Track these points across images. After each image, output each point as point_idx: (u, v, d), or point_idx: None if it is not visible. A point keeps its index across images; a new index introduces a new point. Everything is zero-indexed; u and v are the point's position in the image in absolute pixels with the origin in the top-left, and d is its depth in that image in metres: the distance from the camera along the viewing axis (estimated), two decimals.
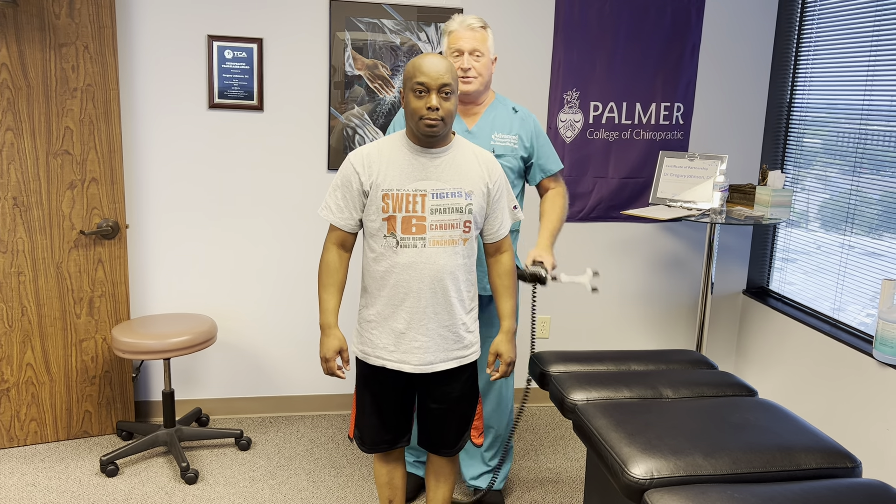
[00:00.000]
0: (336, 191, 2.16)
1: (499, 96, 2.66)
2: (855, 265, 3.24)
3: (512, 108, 2.64)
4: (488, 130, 2.58)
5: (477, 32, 2.50)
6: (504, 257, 2.27)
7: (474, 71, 2.50)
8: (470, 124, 2.59)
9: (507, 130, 2.59)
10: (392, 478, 2.40)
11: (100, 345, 3.28)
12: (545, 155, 2.67)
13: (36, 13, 2.96)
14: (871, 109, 3.14)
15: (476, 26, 2.50)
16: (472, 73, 2.50)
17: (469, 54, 2.49)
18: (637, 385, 2.36)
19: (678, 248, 3.88)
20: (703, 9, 3.65)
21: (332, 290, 2.20)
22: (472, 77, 2.50)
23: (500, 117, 2.60)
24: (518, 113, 2.63)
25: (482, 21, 2.53)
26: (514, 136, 2.59)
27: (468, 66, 2.48)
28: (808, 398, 3.40)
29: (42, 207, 3.09)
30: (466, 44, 2.49)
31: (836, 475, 1.90)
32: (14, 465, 3.10)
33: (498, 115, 2.60)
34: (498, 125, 2.59)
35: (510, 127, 2.60)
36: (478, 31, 2.50)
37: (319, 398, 3.70)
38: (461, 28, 2.50)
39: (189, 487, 2.97)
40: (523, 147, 2.60)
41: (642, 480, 1.81)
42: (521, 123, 2.61)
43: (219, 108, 3.33)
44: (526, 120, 2.63)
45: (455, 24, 2.53)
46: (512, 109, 2.63)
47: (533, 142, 2.63)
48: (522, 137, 2.61)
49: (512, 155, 2.58)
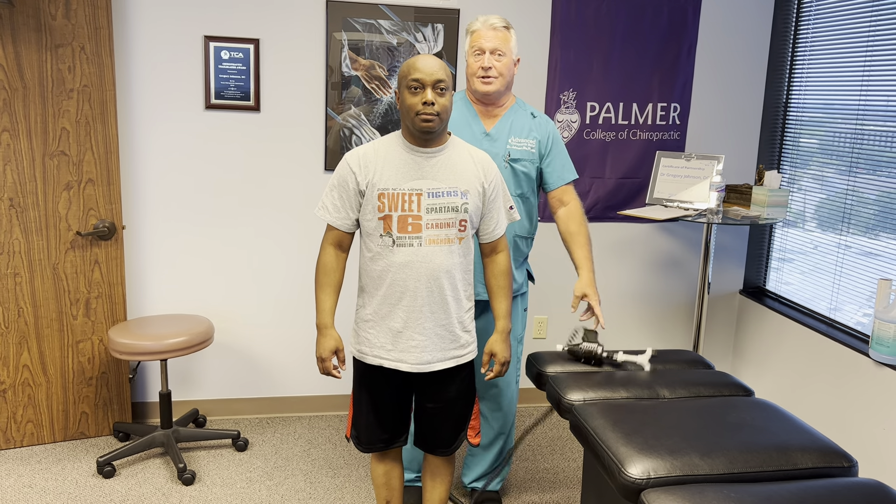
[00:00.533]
0: (333, 191, 2.17)
1: (519, 101, 2.64)
2: (851, 265, 3.25)
3: (531, 114, 2.61)
4: (506, 134, 2.55)
5: (500, 32, 2.47)
6: (500, 257, 2.27)
7: (495, 70, 2.46)
8: (488, 126, 2.56)
9: (524, 135, 2.57)
10: (389, 478, 2.40)
11: (96, 346, 3.28)
12: (561, 162, 2.63)
13: (32, 14, 2.95)
14: (868, 109, 3.15)
15: (499, 26, 2.47)
16: (492, 72, 2.46)
17: (490, 53, 2.45)
18: (634, 385, 2.36)
19: (675, 249, 3.88)
20: (700, 9, 3.65)
21: (329, 290, 2.21)
22: (493, 77, 2.46)
23: (519, 122, 2.58)
24: (536, 119, 2.60)
25: (505, 21, 2.50)
26: (531, 140, 2.56)
27: (489, 64, 2.44)
28: (804, 398, 3.41)
29: (38, 208, 3.09)
30: (488, 43, 2.45)
31: (833, 475, 1.91)
32: (10, 466, 3.09)
33: (516, 119, 2.58)
34: (516, 129, 2.57)
35: (528, 132, 2.57)
36: (500, 30, 2.47)
37: (316, 399, 3.70)
38: (484, 27, 2.47)
39: (186, 488, 2.96)
40: (539, 152, 2.59)
41: (639, 480, 1.81)
42: (538, 129, 2.59)
43: (215, 108, 3.33)
44: (544, 126, 2.61)
45: (478, 24, 2.50)
46: (531, 115, 2.61)
47: (550, 147, 2.60)
48: (540, 142, 2.58)
49: (529, 160, 2.56)
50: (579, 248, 2.55)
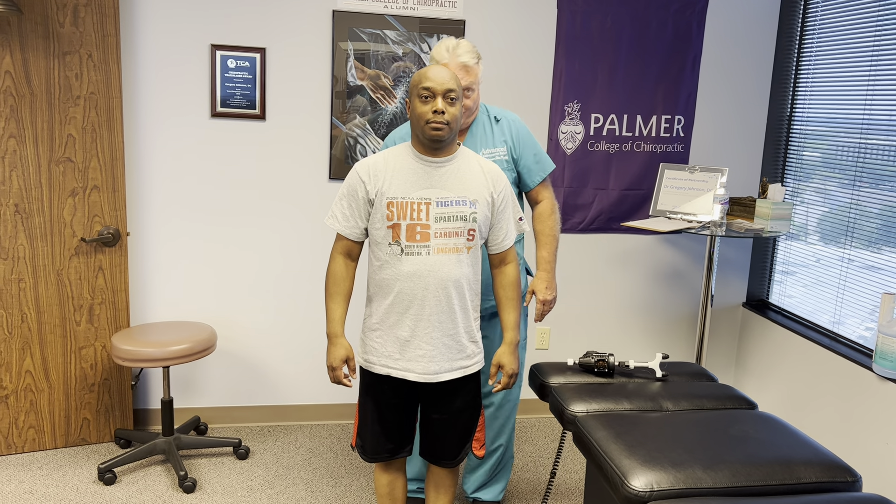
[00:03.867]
0: (342, 200, 2.18)
1: (481, 106, 2.59)
2: (854, 279, 3.25)
3: (494, 118, 2.57)
4: (475, 148, 2.53)
5: (470, 71, 2.39)
6: (509, 268, 2.27)
7: (464, 108, 2.39)
8: None
9: (493, 144, 2.54)
10: (393, 489, 2.40)
11: (99, 352, 3.28)
12: (534, 158, 2.58)
13: (40, 21, 2.97)
14: (871, 123, 3.16)
15: (471, 64, 2.38)
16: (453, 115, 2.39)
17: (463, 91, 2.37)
18: (637, 397, 2.36)
19: (678, 261, 3.88)
20: (705, 22, 3.67)
21: (339, 299, 2.22)
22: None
23: (485, 131, 2.55)
24: (500, 122, 2.57)
25: (476, 55, 2.40)
26: (501, 147, 2.54)
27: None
28: (807, 411, 3.40)
29: (43, 214, 3.10)
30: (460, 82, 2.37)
31: (837, 489, 1.90)
32: (12, 472, 3.09)
33: (482, 130, 2.55)
34: (485, 141, 2.54)
35: (495, 140, 2.54)
36: (471, 68, 2.39)
37: (318, 408, 3.70)
38: (454, 65, 2.37)
39: (187, 496, 2.96)
40: (511, 155, 2.56)
41: (642, 493, 1.81)
42: (503, 131, 2.55)
43: (221, 116, 3.34)
44: (509, 125, 2.57)
45: (445, 55, 2.39)
46: (493, 119, 2.57)
47: (519, 148, 2.55)
48: (510, 145, 2.55)
49: (506, 168, 2.54)
50: (541, 248, 2.64)
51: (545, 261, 2.62)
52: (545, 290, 2.61)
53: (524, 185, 2.63)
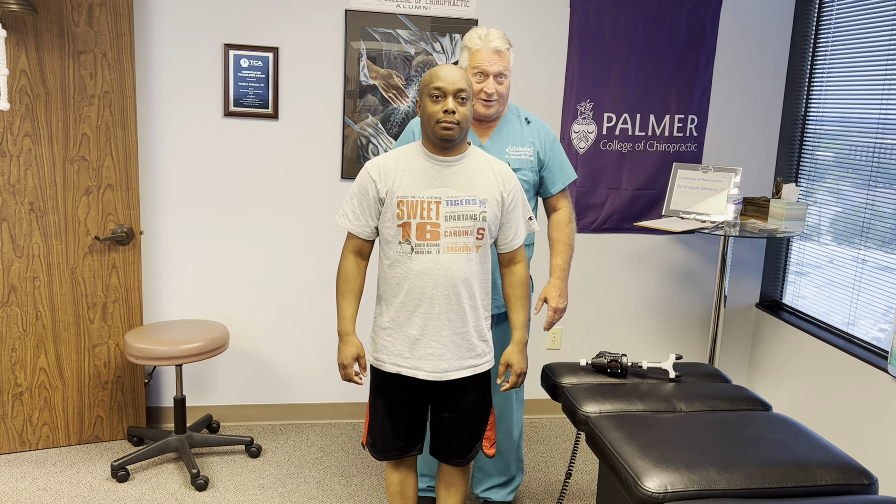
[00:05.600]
0: (353, 199, 2.19)
1: (511, 107, 2.62)
2: (869, 279, 3.22)
3: (524, 119, 2.59)
4: (502, 144, 2.54)
5: (503, 56, 2.42)
6: (518, 268, 2.27)
7: (497, 94, 2.43)
8: (483, 138, 2.55)
9: (520, 143, 2.55)
10: (404, 487, 2.40)
11: (112, 350, 3.30)
12: (559, 167, 2.62)
13: (55, 21, 2.99)
14: (887, 123, 3.13)
15: (503, 49, 2.42)
16: (494, 96, 2.43)
17: (494, 77, 2.41)
18: (650, 398, 2.35)
19: (691, 261, 3.87)
20: (718, 21, 3.65)
21: (350, 297, 2.22)
22: (495, 100, 2.44)
23: (514, 130, 2.56)
24: (531, 124, 2.59)
25: (507, 41, 2.44)
26: (528, 147, 2.55)
27: (492, 90, 2.41)
28: (821, 413, 3.38)
29: (58, 213, 3.12)
30: (492, 66, 2.40)
31: (852, 491, 1.89)
32: (26, 469, 3.11)
33: (511, 127, 2.56)
34: (512, 138, 2.55)
35: (523, 139, 2.56)
36: (504, 53, 2.42)
37: (330, 406, 3.70)
38: (486, 49, 2.41)
39: (199, 494, 2.97)
40: (538, 158, 2.58)
41: (656, 494, 1.80)
42: (533, 134, 2.57)
43: (234, 115, 3.35)
44: (539, 129, 2.59)
45: (478, 42, 2.43)
46: (524, 120, 2.59)
47: (548, 153, 2.59)
48: (537, 148, 2.57)
49: (529, 168, 2.55)
50: (555, 256, 2.64)
51: (559, 268, 2.62)
52: (558, 298, 2.61)
53: (545, 191, 2.64)
